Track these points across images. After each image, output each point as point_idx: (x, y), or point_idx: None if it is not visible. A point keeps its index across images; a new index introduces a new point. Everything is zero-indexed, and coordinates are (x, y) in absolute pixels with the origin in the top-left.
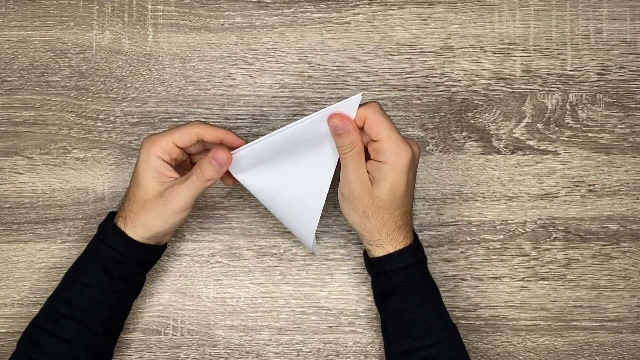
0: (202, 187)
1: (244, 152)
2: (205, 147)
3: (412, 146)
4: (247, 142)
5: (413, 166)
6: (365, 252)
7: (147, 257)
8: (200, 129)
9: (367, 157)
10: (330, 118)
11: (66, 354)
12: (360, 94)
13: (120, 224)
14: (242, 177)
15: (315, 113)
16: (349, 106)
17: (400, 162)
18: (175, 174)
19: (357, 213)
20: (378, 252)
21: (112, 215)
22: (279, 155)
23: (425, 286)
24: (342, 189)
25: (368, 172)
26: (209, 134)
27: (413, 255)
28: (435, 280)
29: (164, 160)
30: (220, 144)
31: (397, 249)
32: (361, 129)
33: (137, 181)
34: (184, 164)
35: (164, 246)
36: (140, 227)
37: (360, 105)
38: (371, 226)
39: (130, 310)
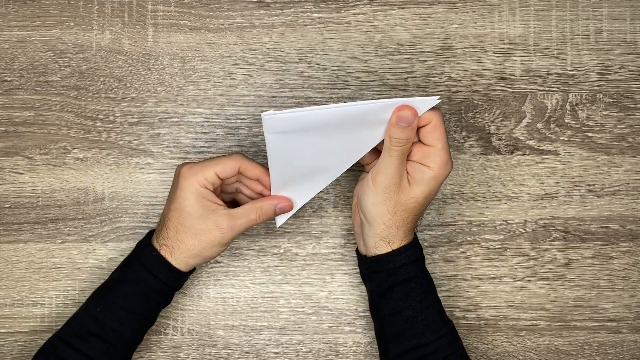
0: (254, 224)
1: (285, 116)
2: (239, 179)
3: (451, 158)
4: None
5: (445, 180)
6: (358, 252)
7: (183, 283)
8: (242, 164)
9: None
10: (402, 108)
11: None
12: (438, 97)
13: (166, 253)
14: (271, 138)
15: (385, 100)
16: (421, 105)
17: (443, 173)
18: (220, 201)
19: (387, 206)
20: (382, 249)
21: (150, 234)
22: (320, 126)
23: (424, 282)
24: (379, 179)
25: (407, 171)
26: (250, 171)
27: (414, 252)
28: (435, 281)
29: (208, 189)
30: (257, 180)
31: (400, 246)
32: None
33: (185, 211)
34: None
35: (194, 269)
36: (192, 257)
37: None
38: (394, 222)
39: (154, 323)
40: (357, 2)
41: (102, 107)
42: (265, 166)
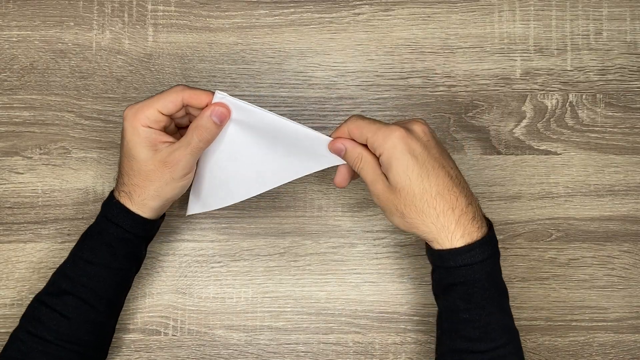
0: (203, 147)
1: (237, 103)
2: (188, 112)
3: (406, 125)
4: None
5: (415, 141)
6: (427, 245)
7: (152, 232)
8: (185, 94)
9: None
10: (330, 145)
11: (65, 330)
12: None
13: (125, 200)
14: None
15: (316, 133)
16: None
17: (392, 144)
18: (169, 138)
19: (395, 215)
20: (437, 246)
21: (113, 190)
22: (259, 130)
23: (489, 287)
24: (375, 201)
25: (383, 173)
26: (195, 100)
27: (480, 252)
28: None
29: (153, 128)
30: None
31: (464, 244)
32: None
33: (130, 154)
34: (168, 129)
35: (163, 217)
36: (151, 199)
37: (341, 125)
38: (413, 221)
39: (131, 286)
40: (357, 2)
41: (102, 107)
42: (210, 91)
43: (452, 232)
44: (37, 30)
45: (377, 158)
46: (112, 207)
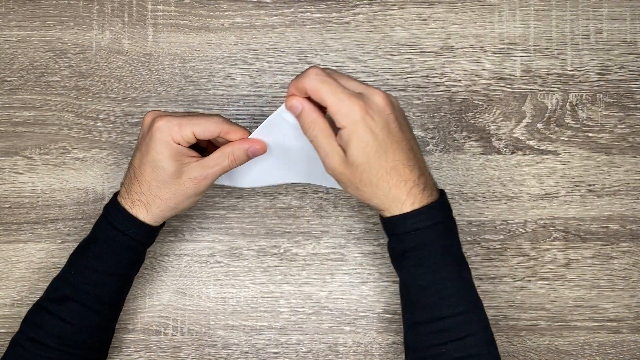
0: (228, 170)
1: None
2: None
3: (366, 96)
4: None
5: (375, 117)
6: (380, 215)
7: (155, 238)
8: (224, 128)
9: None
10: (286, 101)
11: (68, 335)
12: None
13: (139, 210)
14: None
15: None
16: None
17: (353, 120)
18: (195, 153)
19: (350, 187)
20: (388, 214)
21: (116, 195)
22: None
23: (442, 252)
24: (327, 171)
25: (339, 145)
26: (232, 136)
27: (428, 216)
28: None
29: (183, 146)
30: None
31: (413, 209)
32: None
33: (159, 166)
34: None
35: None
36: (168, 211)
37: (298, 76)
38: (366, 194)
39: (131, 286)
40: (357, 2)
41: (102, 107)
42: (245, 130)
43: (403, 202)
44: (37, 30)
45: (332, 126)
46: (120, 215)
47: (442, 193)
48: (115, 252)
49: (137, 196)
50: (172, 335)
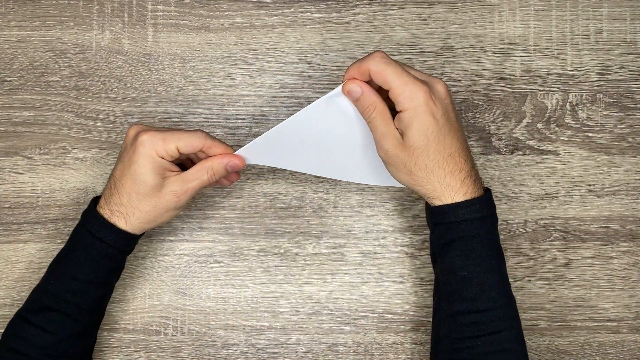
0: (208, 185)
1: (249, 148)
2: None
3: (429, 83)
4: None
5: (437, 103)
6: (426, 203)
7: (134, 245)
8: (206, 143)
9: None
10: (345, 85)
11: (50, 345)
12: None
13: (118, 219)
14: (259, 161)
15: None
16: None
17: (417, 103)
18: (176, 168)
19: (402, 171)
20: (439, 202)
21: (94, 202)
22: (296, 139)
23: (488, 245)
24: (380, 154)
25: (397, 128)
26: (212, 150)
27: (479, 208)
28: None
29: (166, 159)
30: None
31: (465, 199)
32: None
33: (140, 179)
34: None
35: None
36: (147, 223)
37: (362, 59)
38: (419, 179)
39: (112, 293)
40: (357, 2)
41: (102, 107)
42: (228, 146)
43: (457, 190)
44: (37, 30)
45: (389, 110)
46: (98, 223)
47: (488, 190)
48: (93, 260)
49: (116, 207)
50: (172, 335)
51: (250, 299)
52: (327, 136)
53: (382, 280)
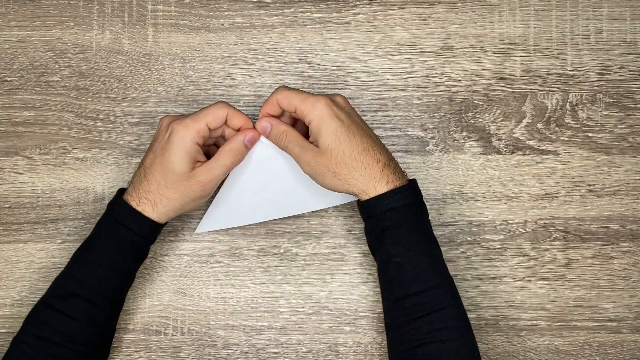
0: (232, 168)
1: (207, 219)
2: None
3: (329, 96)
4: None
5: (338, 109)
6: (358, 201)
7: (158, 235)
8: (229, 111)
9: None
10: (257, 124)
11: (72, 331)
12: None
13: (145, 207)
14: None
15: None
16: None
17: (320, 111)
18: (203, 157)
19: (327, 176)
20: (365, 195)
21: (120, 193)
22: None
23: (415, 231)
24: (305, 170)
25: (311, 142)
26: (235, 120)
27: (402, 197)
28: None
29: (198, 145)
30: (238, 129)
31: (388, 189)
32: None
33: (171, 167)
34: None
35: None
36: (174, 211)
37: (269, 96)
38: (345, 177)
39: (132, 283)
40: (357, 2)
41: (102, 107)
42: (245, 116)
43: (378, 180)
44: (37, 30)
45: (299, 132)
46: (124, 210)
47: (413, 180)
48: (119, 247)
49: (144, 194)
50: (172, 335)
51: (250, 299)
52: (260, 178)
53: None
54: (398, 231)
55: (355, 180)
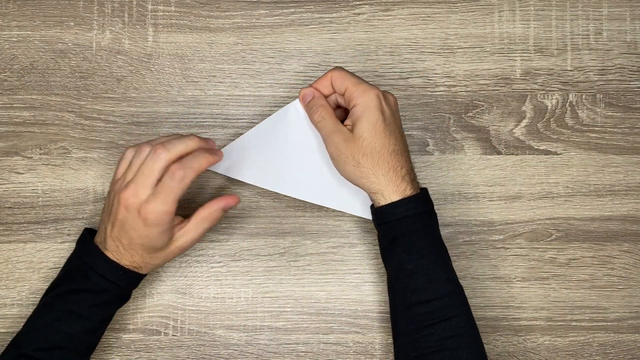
0: (209, 230)
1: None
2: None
3: (382, 90)
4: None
5: (386, 106)
6: (372, 207)
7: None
8: (201, 143)
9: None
10: (301, 90)
11: None
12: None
13: (132, 268)
14: (237, 174)
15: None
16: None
17: (369, 99)
18: (178, 218)
19: (349, 163)
20: (381, 200)
21: (92, 233)
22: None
23: (427, 238)
24: (330, 151)
25: (346, 125)
26: (206, 144)
27: (416, 205)
28: None
29: (173, 215)
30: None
31: (401, 198)
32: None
33: (151, 245)
34: None
35: None
36: (156, 267)
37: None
38: (366, 170)
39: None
40: (357, 2)
41: (102, 107)
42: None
43: (397, 185)
44: (37, 30)
45: (334, 111)
46: (111, 268)
47: (425, 189)
48: (108, 302)
49: (129, 263)
50: (172, 335)
51: (250, 299)
52: (286, 146)
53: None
54: (410, 239)
55: (376, 177)
